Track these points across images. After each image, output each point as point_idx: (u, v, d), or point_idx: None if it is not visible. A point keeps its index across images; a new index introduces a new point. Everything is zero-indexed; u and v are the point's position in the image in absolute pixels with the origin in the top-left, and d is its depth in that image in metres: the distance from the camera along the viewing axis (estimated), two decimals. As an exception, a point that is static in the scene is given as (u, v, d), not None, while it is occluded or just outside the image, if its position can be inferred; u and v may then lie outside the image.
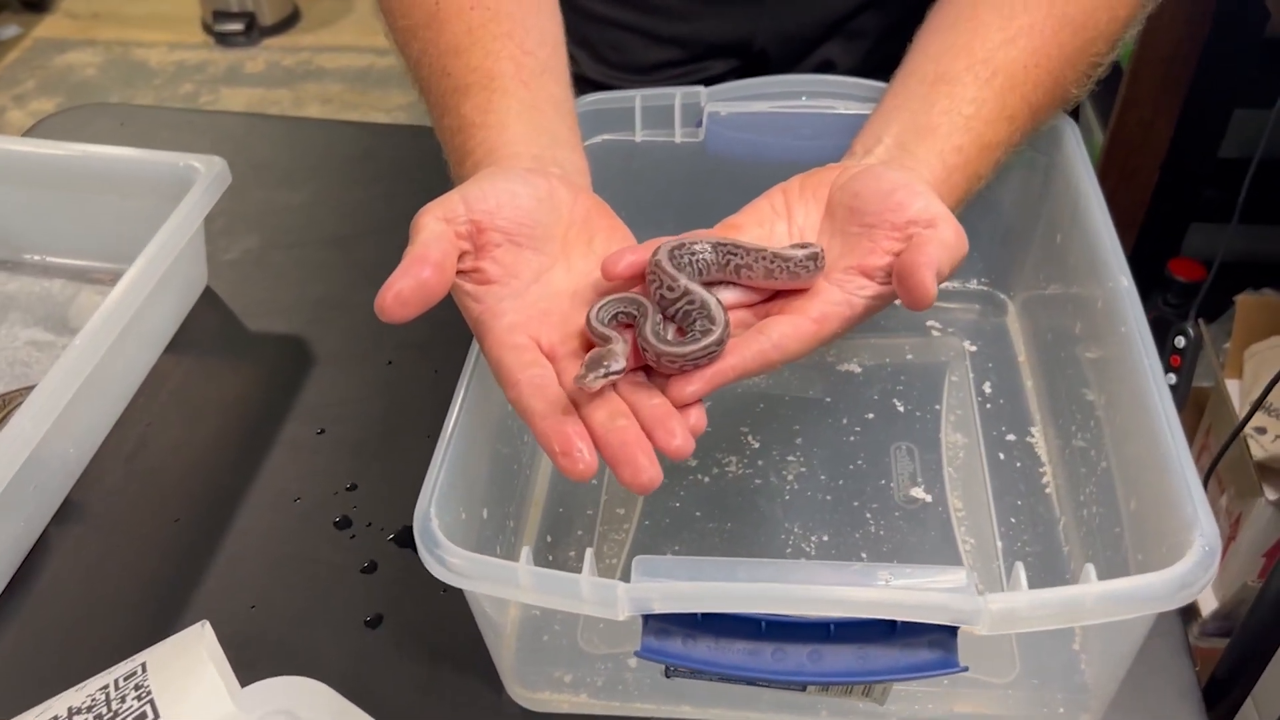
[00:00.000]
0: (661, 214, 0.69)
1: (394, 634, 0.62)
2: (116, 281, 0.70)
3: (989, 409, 0.72)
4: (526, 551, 0.48)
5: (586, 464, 0.44)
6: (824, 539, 0.64)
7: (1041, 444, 0.70)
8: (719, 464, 0.69)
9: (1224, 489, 1.29)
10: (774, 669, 0.47)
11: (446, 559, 0.48)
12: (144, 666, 0.52)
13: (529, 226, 0.52)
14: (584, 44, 0.86)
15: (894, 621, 0.47)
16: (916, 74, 0.62)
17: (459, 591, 0.50)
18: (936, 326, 0.78)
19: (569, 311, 0.51)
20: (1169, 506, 0.49)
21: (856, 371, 0.75)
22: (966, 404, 0.72)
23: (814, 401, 0.73)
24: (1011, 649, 0.58)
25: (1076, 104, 0.66)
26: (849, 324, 0.52)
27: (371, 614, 0.63)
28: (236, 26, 2.94)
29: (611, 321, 0.49)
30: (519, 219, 0.52)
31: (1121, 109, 1.58)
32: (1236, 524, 1.25)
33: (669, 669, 0.51)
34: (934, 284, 0.47)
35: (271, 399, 0.77)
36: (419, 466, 0.52)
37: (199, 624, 0.54)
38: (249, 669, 0.53)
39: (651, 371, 0.49)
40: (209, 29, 2.98)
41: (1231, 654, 0.90)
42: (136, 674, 0.51)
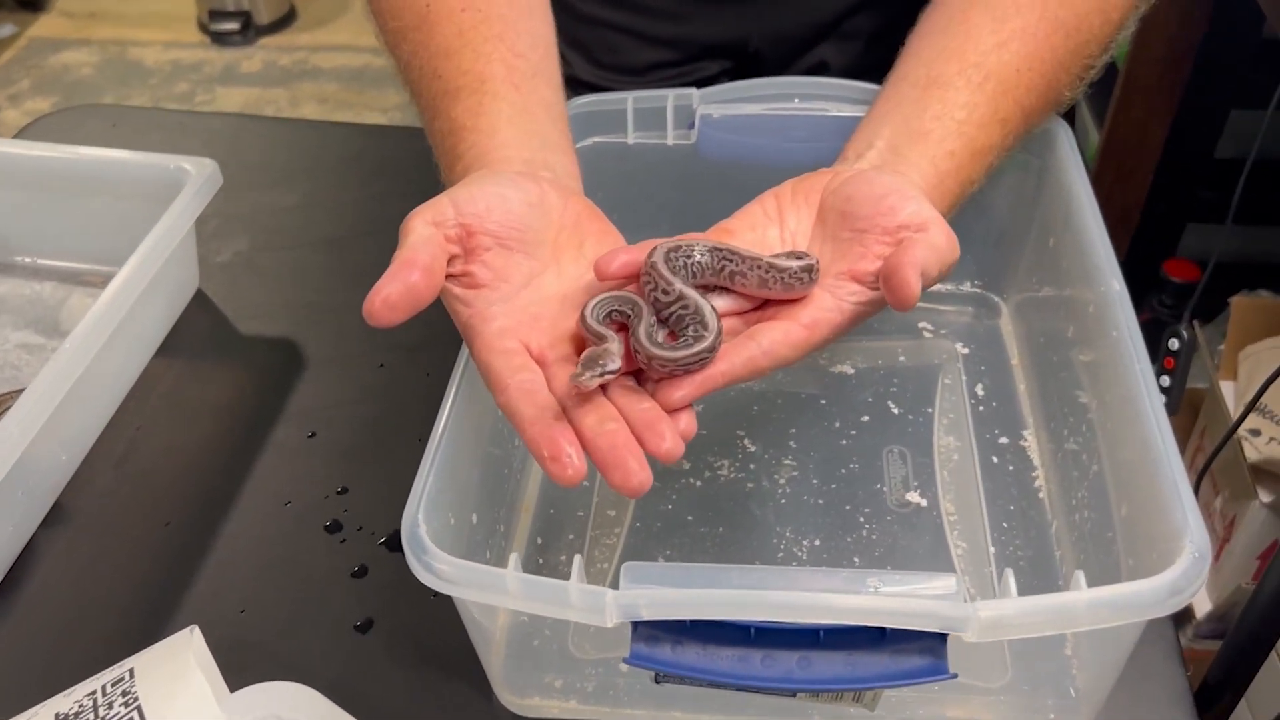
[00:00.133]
0: (653, 216, 0.69)
1: (384, 639, 0.62)
2: (107, 284, 0.70)
3: (982, 412, 0.72)
4: (514, 558, 0.48)
5: (575, 469, 0.44)
6: (816, 543, 0.64)
7: (1034, 448, 0.69)
8: (711, 467, 0.68)
9: (1218, 491, 1.29)
10: (763, 676, 0.47)
11: (434, 565, 0.48)
12: (131, 672, 0.51)
13: (519, 230, 0.52)
14: (577, 45, 0.86)
15: (884, 628, 0.47)
16: (909, 78, 0.62)
17: (450, 596, 0.50)
18: (929, 329, 0.78)
19: (559, 316, 0.51)
20: (1159, 512, 0.49)
21: (850, 374, 0.75)
22: (959, 407, 0.72)
23: (807, 405, 0.72)
24: (1003, 654, 0.58)
25: (1070, 106, 0.66)
26: (840, 330, 0.52)
27: (362, 618, 0.63)
28: (232, 26, 2.94)
29: (606, 320, 0.49)
30: (509, 223, 0.51)
31: (1117, 110, 1.58)
32: (1231, 526, 1.24)
33: (658, 675, 0.51)
34: (918, 284, 0.47)
35: (263, 402, 0.76)
36: (410, 470, 0.52)
37: (187, 629, 0.53)
38: (239, 673, 0.53)
39: (642, 375, 0.49)
40: (205, 28, 2.98)
41: (1224, 657, 0.90)
42: (124, 680, 0.51)
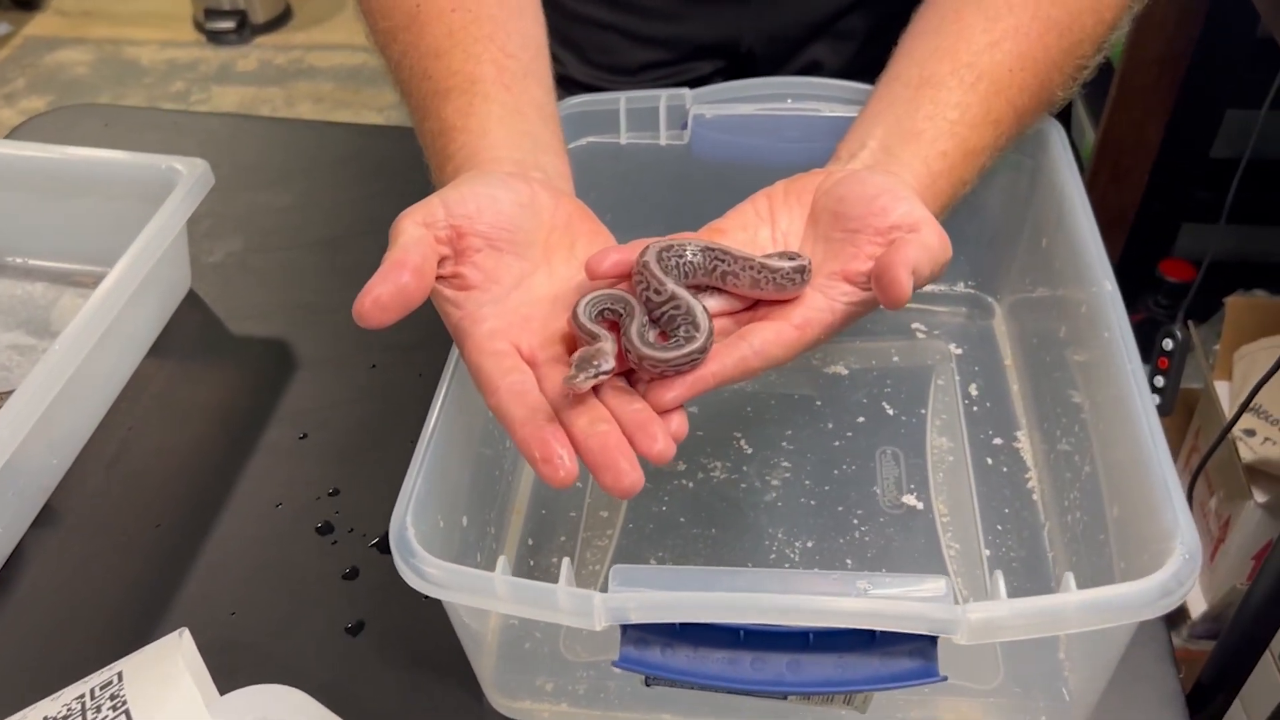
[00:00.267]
0: (647, 217, 0.69)
1: (375, 641, 0.62)
2: (99, 284, 0.70)
3: (975, 412, 0.72)
4: (503, 561, 0.48)
5: (567, 470, 0.44)
6: (809, 545, 0.64)
7: (1027, 448, 0.69)
8: (704, 469, 0.68)
9: (1213, 491, 1.29)
10: (753, 679, 0.47)
11: (422, 568, 0.48)
12: (120, 675, 0.51)
13: (510, 231, 0.52)
14: (569, 45, 0.86)
15: (873, 630, 0.47)
16: (901, 78, 0.61)
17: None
18: (922, 329, 0.78)
19: (550, 317, 0.51)
20: (1150, 514, 0.49)
21: (843, 374, 0.74)
22: (952, 408, 0.72)
23: (800, 406, 0.72)
24: (995, 656, 0.58)
25: (1063, 107, 0.66)
26: (832, 330, 0.51)
27: (353, 621, 0.63)
28: (228, 24, 2.93)
29: (597, 318, 0.49)
30: (500, 224, 0.51)
31: (1113, 109, 1.57)
32: (1225, 526, 1.24)
33: (649, 678, 0.51)
34: (909, 283, 0.47)
35: (254, 403, 0.76)
36: (402, 471, 0.52)
37: (177, 632, 0.53)
38: (229, 676, 0.52)
39: (634, 375, 0.48)
40: (200, 27, 2.97)
41: (1217, 657, 0.90)
42: (113, 683, 0.51)
